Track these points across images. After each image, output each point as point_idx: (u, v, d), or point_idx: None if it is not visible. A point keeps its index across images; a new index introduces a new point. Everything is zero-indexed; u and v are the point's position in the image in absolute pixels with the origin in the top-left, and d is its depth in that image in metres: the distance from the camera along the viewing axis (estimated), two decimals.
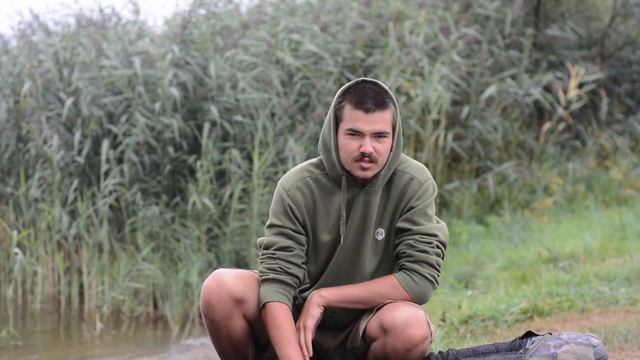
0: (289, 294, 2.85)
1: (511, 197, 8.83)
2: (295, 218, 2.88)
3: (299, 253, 2.87)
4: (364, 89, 2.80)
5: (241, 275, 2.89)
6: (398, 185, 2.88)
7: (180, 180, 8.32)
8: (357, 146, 2.80)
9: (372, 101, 2.78)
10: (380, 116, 2.78)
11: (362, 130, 2.79)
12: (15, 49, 9.71)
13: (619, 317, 4.11)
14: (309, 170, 2.92)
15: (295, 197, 2.88)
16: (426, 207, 2.86)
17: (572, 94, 9.40)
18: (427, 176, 2.91)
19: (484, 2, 9.98)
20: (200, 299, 2.90)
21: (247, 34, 9.11)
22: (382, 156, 2.81)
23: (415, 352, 2.77)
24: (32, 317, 7.95)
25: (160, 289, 7.88)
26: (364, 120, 2.78)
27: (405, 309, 2.78)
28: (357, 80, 2.83)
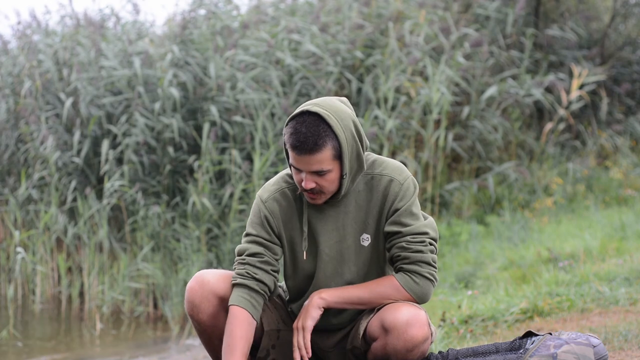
0: (252, 299, 2.85)
1: (511, 197, 8.83)
2: (270, 229, 2.89)
3: (269, 260, 2.88)
4: (300, 128, 2.73)
5: (224, 274, 2.91)
6: (378, 189, 2.87)
7: (180, 180, 8.32)
8: (300, 179, 2.80)
9: (304, 145, 2.73)
10: (314, 158, 2.74)
11: (300, 168, 2.78)
12: (15, 49, 9.71)
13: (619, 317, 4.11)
14: (286, 180, 2.93)
15: (272, 208, 2.89)
16: (410, 206, 2.86)
17: (574, 95, 9.40)
18: (406, 175, 2.89)
19: (484, 2, 9.98)
20: (185, 302, 2.92)
21: (247, 34, 9.11)
22: (327, 188, 2.81)
23: (415, 352, 2.77)
24: (32, 317, 7.95)
25: (161, 289, 7.88)
26: (299, 160, 2.76)
27: (407, 309, 2.78)
28: (301, 109, 2.77)
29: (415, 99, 8.62)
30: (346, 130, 2.77)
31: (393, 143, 8.56)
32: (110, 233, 8.25)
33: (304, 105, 2.80)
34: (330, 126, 2.75)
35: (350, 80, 8.85)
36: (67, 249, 8.42)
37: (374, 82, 8.86)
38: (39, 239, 8.37)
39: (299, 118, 2.75)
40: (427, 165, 8.72)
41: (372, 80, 8.84)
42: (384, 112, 8.52)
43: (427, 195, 8.64)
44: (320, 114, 2.75)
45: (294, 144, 2.73)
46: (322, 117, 2.75)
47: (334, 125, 2.75)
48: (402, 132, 8.67)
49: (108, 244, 8.14)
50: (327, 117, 2.75)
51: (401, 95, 8.72)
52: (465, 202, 8.76)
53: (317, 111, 2.75)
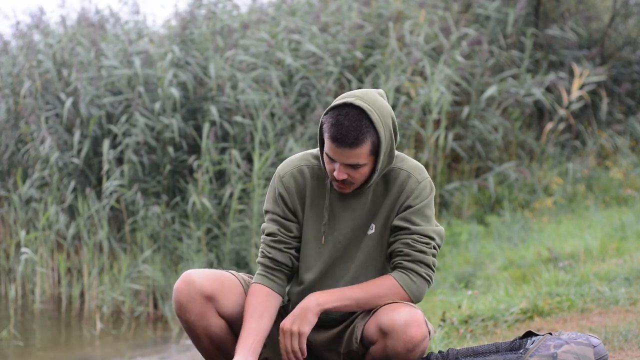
0: (268, 274, 2.89)
1: (511, 197, 8.83)
2: (284, 205, 2.90)
3: (282, 239, 2.89)
4: (343, 120, 2.72)
5: (211, 273, 2.91)
6: (395, 183, 2.88)
7: (180, 180, 8.32)
8: (332, 169, 2.80)
9: (345, 139, 2.72)
10: (352, 152, 2.74)
11: (335, 159, 2.77)
12: (15, 49, 9.71)
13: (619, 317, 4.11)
14: (307, 159, 2.93)
15: (288, 184, 2.90)
16: (424, 207, 2.86)
17: (575, 95, 9.39)
18: (425, 175, 2.90)
19: (484, 2, 9.98)
20: (173, 302, 2.93)
21: (247, 34, 9.10)
22: (357, 180, 2.81)
23: (416, 352, 2.77)
24: (32, 317, 7.95)
25: (161, 289, 7.88)
26: (336, 152, 2.75)
27: (404, 310, 2.77)
28: (345, 101, 2.74)
29: (415, 99, 8.62)
30: (385, 127, 2.77)
31: None
32: (110, 233, 8.25)
33: (346, 96, 2.77)
34: (372, 122, 2.74)
35: (350, 80, 8.85)
36: (67, 249, 8.42)
37: (374, 82, 8.86)
38: (39, 239, 8.37)
39: (342, 109, 2.74)
40: (427, 165, 8.72)
41: (372, 80, 8.84)
42: None
43: None
44: (363, 108, 2.74)
45: (335, 136, 2.72)
46: (365, 111, 2.74)
47: (376, 121, 2.74)
48: (402, 132, 8.67)
49: (108, 244, 8.14)
50: (370, 112, 2.74)
51: (401, 95, 8.72)
52: (465, 202, 8.76)
53: (361, 105, 2.73)
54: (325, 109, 8.43)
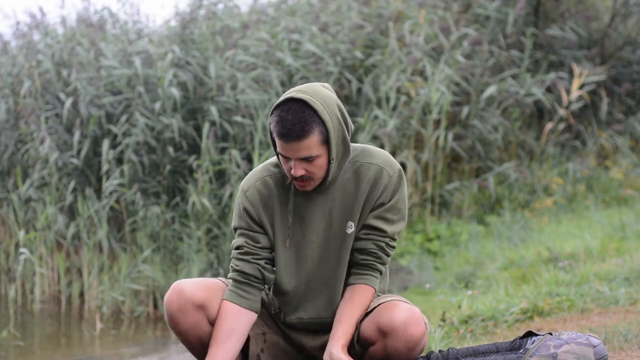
0: (238, 289, 2.87)
1: (511, 197, 8.83)
2: (250, 218, 2.89)
3: (249, 250, 2.88)
4: (286, 115, 2.71)
5: (201, 282, 2.91)
6: (366, 177, 2.87)
7: (180, 180, 8.32)
8: (289, 167, 2.78)
9: (291, 132, 2.71)
10: (302, 145, 2.72)
11: (288, 156, 2.77)
12: (15, 49, 9.71)
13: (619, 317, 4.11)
14: (268, 169, 2.92)
15: (252, 197, 2.89)
16: (398, 201, 2.87)
17: (574, 95, 9.39)
18: (396, 167, 2.89)
19: (484, 2, 9.98)
20: (165, 313, 2.91)
21: (247, 34, 9.10)
22: (316, 174, 2.79)
23: (417, 350, 2.78)
24: (32, 317, 7.95)
25: (161, 289, 7.88)
26: (287, 148, 2.74)
27: (401, 309, 2.78)
28: (285, 97, 2.74)
29: (415, 99, 8.62)
30: (332, 114, 2.76)
31: (393, 143, 8.55)
32: (110, 233, 8.25)
33: (288, 92, 2.77)
34: (316, 111, 2.74)
35: (350, 80, 8.85)
36: (67, 249, 8.42)
37: (374, 82, 8.86)
38: (39, 239, 8.37)
39: (284, 106, 2.73)
40: (427, 165, 8.72)
41: (372, 80, 8.84)
42: (384, 112, 8.52)
43: (427, 195, 8.64)
44: (305, 100, 2.73)
45: (281, 132, 2.71)
46: (308, 103, 2.73)
47: (320, 110, 2.74)
48: (402, 132, 8.66)
49: (108, 244, 8.14)
50: (313, 103, 2.73)
51: (401, 95, 8.72)
52: (465, 202, 8.76)
53: (302, 97, 2.73)
54: None
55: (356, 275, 2.87)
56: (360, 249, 2.88)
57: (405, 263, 7.83)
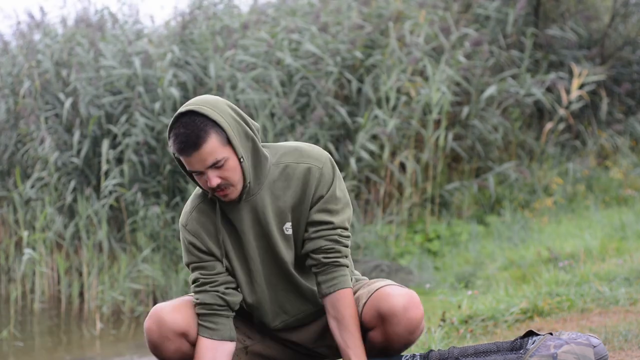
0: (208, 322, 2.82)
1: (511, 197, 8.83)
2: (197, 250, 2.84)
3: (204, 280, 2.82)
4: (179, 130, 2.67)
5: (178, 305, 2.86)
6: (295, 177, 2.82)
7: (180, 180, 8.32)
8: (205, 182, 2.73)
9: (187, 142, 2.66)
10: (203, 152, 2.67)
11: (197, 169, 2.71)
12: (15, 49, 9.71)
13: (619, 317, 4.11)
14: (198, 196, 2.87)
15: (193, 229, 2.84)
16: (334, 190, 2.82)
17: (574, 94, 9.39)
18: (323, 158, 2.84)
19: (484, 2, 9.98)
20: (146, 342, 2.87)
21: (247, 35, 9.10)
22: (232, 177, 2.73)
23: (417, 333, 2.80)
24: (32, 317, 7.95)
25: (161, 289, 7.88)
26: (191, 161, 2.69)
27: (399, 293, 2.78)
28: (175, 116, 2.70)
29: (415, 99, 8.61)
30: (223, 114, 2.71)
31: (393, 143, 8.55)
32: (110, 233, 8.25)
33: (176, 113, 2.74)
34: (206, 116, 2.69)
35: (350, 80, 8.85)
36: (67, 249, 8.42)
37: (374, 82, 8.86)
38: (40, 238, 8.37)
39: (175, 124, 2.70)
40: (427, 165, 8.72)
41: (372, 80, 8.83)
42: (384, 112, 8.52)
43: (427, 195, 8.64)
44: (191, 110, 2.70)
45: (180, 147, 2.67)
46: (195, 111, 2.70)
47: (209, 113, 2.69)
48: (402, 132, 8.66)
49: (108, 244, 8.14)
50: (200, 109, 2.69)
51: (401, 95, 8.72)
52: (465, 202, 8.76)
53: (188, 109, 2.70)
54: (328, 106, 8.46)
55: (327, 283, 2.81)
56: (314, 249, 2.82)
57: (405, 263, 7.84)
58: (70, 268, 8.43)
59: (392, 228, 8.35)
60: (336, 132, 8.66)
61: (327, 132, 8.44)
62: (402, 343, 2.81)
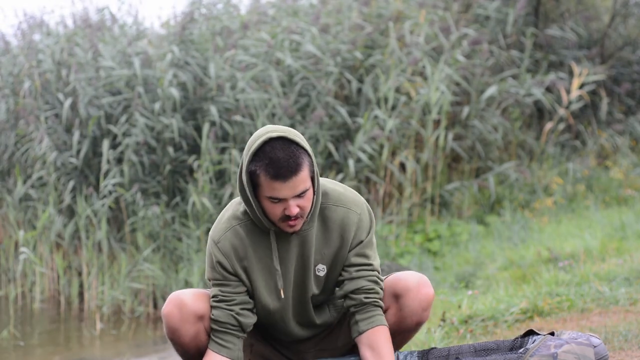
0: (219, 339, 2.84)
1: (511, 197, 8.83)
2: (223, 269, 2.84)
3: (223, 297, 2.84)
4: (275, 154, 2.64)
5: (199, 293, 2.89)
6: (335, 220, 2.84)
7: (180, 180, 8.32)
8: (281, 209, 2.71)
9: (288, 169, 2.64)
10: (298, 179, 2.66)
11: (284, 196, 2.68)
12: (16, 49, 9.71)
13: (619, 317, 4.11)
14: (238, 217, 2.84)
15: (225, 249, 2.83)
16: (372, 237, 2.90)
17: (574, 94, 9.39)
18: (361, 203, 2.88)
19: (484, 2, 9.98)
20: (165, 327, 2.89)
21: (247, 35, 9.10)
22: (306, 209, 2.74)
23: (428, 312, 2.90)
24: (32, 317, 7.95)
25: (161, 289, 7.88)
26: (283, 188, 2.66)
27: (412, 274, 2.91)
28: (264, 139, 2.66)
29: (415, 99, 8.62)
30: (307, 145, 2.73)
31: (393, 143, 8.56)
32: (110, 233, 8.25)
33: (257, 138, 2.68)
34: (298, 144, 2.69)
35: (350, 80, 8.85)
36: (66, 249, 8.42)
37: (374, 82, 8.86)
38: (39, 238, 8.37)
39: (267, 148, 2.66)
40: (427, 165, 8.72)
41: (372, 80, 8.83)
42: (384, 112, 8.52)
43: (427, 195, 8.64)
44: (284, 136, 2.67)
45: (278, 172, 2.64)
46: (288, 137, 2.67)
47: (301, 142, 2.69)
48: (401, 132, 8.66)
49: (107, 244, 8.13)
50: (292, 136, 2.68)
51: (401, 95, 8.72)
52: (465, 202, 8.76)
53: (280, 135, 2.66)
54: (328, 107, 8.46)
55: (365, 321, 2.84)
56: (355, 289, 2.85)
57: (405, 263, 7.84)
58: (69, 268, 8.43)
59: (392, 228, 8.35)
60: (336, 132, 8.66)
61: (327, 132, 8.45)
62: (414, 321, 2.89)
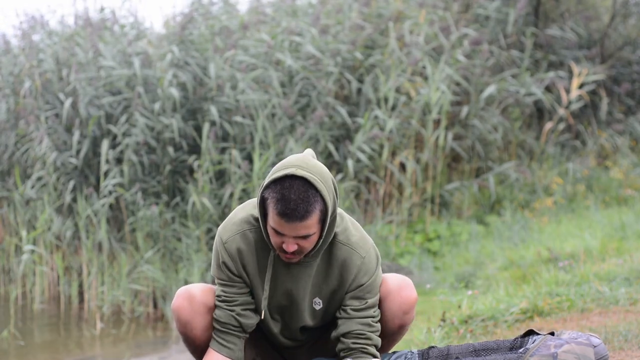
0: (220, 339, 2.85)
1: (511, 197, 8.83)
2: (228, 271, 2.83)
3: (226, 297, 2.84)
4: (289, 194, 2.61)
5: (207, 287, 2.90)
6: (338, 258, 2.82)
7: (180, 180, 8.32)
8: (281, 242, 2.69)
9: (295, 212, 2.61)
10: (303, 225, 2.63)
11: (284, 233, 2.67)
12: (16, 49, 9.70)
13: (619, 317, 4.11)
14: (249, 222, 2.82)
15: (231, 250, 2.81)
16: (374, 281, 2.84)
17: (574, 94, 9.39)
18: (368, 246, 2.85)
19: (484, 2, 9.98)
20: (175, 321, 2.89)
21: (247, 35, 9.10)
22: (307, 249, 2.72)
23: (410, 315, 2.86)
24: (32, 317, 7.95)
25: (161, 289, 7.88)
26: (285, 227, 2.64)
27: (393, 277, 2.88)
28: (287, 172, 2.63)
29: (415, 99, 8.61)
30: (330, 192, 2.68)
31: (393, 143, 8.55)
32: (110, 233, 8.24)
33: (284, 167, 2.66)
34: (317, 190, 2.64)
35: (350, 80, 8.85)
36: (66, 249, 8.42)
37: (374, 82, 8.86)
38: (39, 238, 8.37)
39: (284, 182, 2.63)
40: (427, 165, 8.72)
41: (372, 80, 8.83)
42: (384, 112, 8.52)
43: (427, 195, 8.64)
44: (306, 178, 2.63)
45: (284, 212, 2.61)
46: (309, 180, 2.63)
47: (321, 188, 2.64)
48: (402, 132, 8.66)
49: (108, 244, 8.13)
50: (314, 181, 2.64)
51: (401, 95, 8.72)
52: (465, 202, 8.76)
53: (304, 175, 2.63)
54: (328, 107, 8.46)
55: None
56: (346, 332, 2.82)
57: (405, 263, 7.84)
58: (70, 268, 8.43)
59: (392, 228, 8.35)
60: (336, 132, 8.66)
61: (327, 133, 8.45)
62: (396, 324, 2.87)
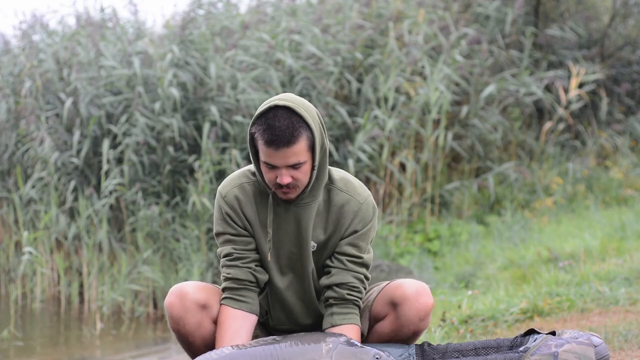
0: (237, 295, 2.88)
1: (511, 197, 8.83)
2: (234, 222, 2.89)
3: (238, 255, 2.89)
4: (274, 122, 2.72)
5: (200, 284, 2.93)
6: (336, 204, 2.89)
7: (180, 180, 8.32)
8: (275, 176, 2.78)
9: (281, 139, 2.71)
10: (291, 151, 2.73)
11: (276, 164, 2.75)
12: (16, 49, 9.70)
13: (619, 317, 4.11)
14: (247, 176, 2.92)
15: (232, 203, 2.89)
16: (369, 230, 2.90)
17: (573, 94, 9.39)
18: (365, 195, 2.91)
19: (483, 2, 9.98)
20: (168, 318, 2.91)
21: (247, 35, 9.10)
22: (301, 181, 2.80)
23: (426, 321, 2.88)
24: (32, 317, 7.95)
25: (161, 289, 7.88)
26: (275, 156, 2.73)
27: (411, 283, 2.88)
28: (270, 105, 2.75)
29: (415, 99, 8.62)
30: (314, 120, 2.78)
31: (393, 143, 8.55)
32: (110, 233, 8.24)
33: (269, 101, 2.77)
34: (301, 117, 2.75)
35: (350, 80, 8.85)
36: (67, 249, 8.42)
37: (374, 82, 8.86)
38: (40, 239, 8.37)
39: (269, 113, 2.74)
40: (426, 165, 8.72)
41: (372, 80, 8.84)
42: (383, 112, 8.52)
43: (427, 195, 8.64)
44: (290, 106, 2.74)
45: (271, 139, 2.71)
46: (293, 109, 2.74)
47: (305, 116, 2.75)
48: (401, 132, 8.66)
49: (108, 244, 8.13)
50: (296, 108, 2.74)
51: (400, 95, 8.72)
52: (465, 202, 8.76)
53: (286, 104, 2.74)
54: (329, 107, 8.46)
55: (341, 316, 2.87)
56: (340, 283, 2.88)
57: (405, 263, 7.84)
58: (70, 268, 8.43)
59: (392, 228, 8.35)
60: (336, 132, 8.66)
61: (327, 132, 8.45)
62: (411, 330, 2.88)
